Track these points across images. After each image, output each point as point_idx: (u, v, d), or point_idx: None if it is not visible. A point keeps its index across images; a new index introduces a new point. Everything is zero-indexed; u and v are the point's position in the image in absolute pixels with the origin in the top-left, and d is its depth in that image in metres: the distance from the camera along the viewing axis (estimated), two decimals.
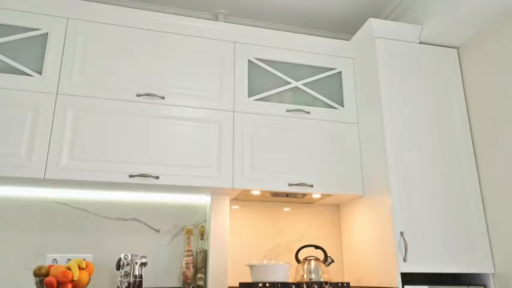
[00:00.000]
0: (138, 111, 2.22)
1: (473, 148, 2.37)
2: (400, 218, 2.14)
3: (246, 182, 2.26)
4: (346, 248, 2.59)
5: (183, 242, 2.40)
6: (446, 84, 2.48)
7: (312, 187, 2.34)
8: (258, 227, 2.56)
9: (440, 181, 2.27)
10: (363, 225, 2.41)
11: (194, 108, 2.31)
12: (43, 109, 2.09)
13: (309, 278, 2.25)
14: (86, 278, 1.89)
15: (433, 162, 2.29)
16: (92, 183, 2.13)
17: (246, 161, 2.30)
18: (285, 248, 2.56)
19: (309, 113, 2.47)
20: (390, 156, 2.24)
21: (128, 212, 2.37)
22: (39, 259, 2.17)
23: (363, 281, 2.36)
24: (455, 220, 2.21)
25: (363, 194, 2.42)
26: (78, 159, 2.07)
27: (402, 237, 2.10)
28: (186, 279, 2.28)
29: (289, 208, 2.65)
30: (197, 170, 2.22)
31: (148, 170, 2.15)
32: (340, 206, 2.71)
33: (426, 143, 2.32)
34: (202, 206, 2.49)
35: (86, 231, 2.28)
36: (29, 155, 2.01)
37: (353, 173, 2.45)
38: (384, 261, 2.17)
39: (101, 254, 2.26)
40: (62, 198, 2.30)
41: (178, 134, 2.24)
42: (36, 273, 1.85)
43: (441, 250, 2.14)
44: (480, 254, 2.18)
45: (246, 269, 2.46)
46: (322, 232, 2.65)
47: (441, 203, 2.23)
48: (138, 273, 2.15)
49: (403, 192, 2.19)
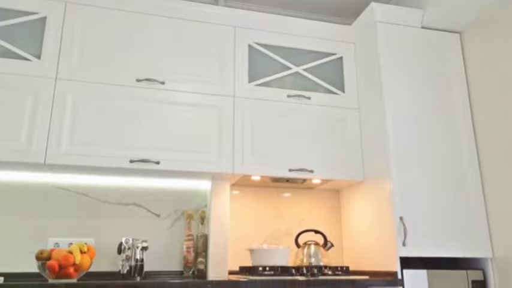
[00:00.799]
0: (138, 96, 2.21)
1: (474, 134, 2.37)
2: (399, 203, 2.15)
3: (246, 168, 2.27)
4: (345, 233, 2.61)
5: (183, 226, 2.41)
6: (448, 70, 2.46)
7: (312, 172, 2.35)
8: (258, 212, 2.58)
9: (440, 167, 2.27)
10: (362, 211, 2.43)
11: (194, 94, 2.30)
12: (42, 94, 2.08)
13: (308, 262, 2.27)
14: (87, 262, 1.90)
15: (433, 148, 2.29)
16: (93, 169, 2.13)
17: (246, 147, 2.30)
18: (285, 232, 2.58)
19: (309, 98, 2.46)
20: (391, 141, 2.24)
21: (128, 197, 2.38)
22: (41, 243, 2.19)
23: (362, 265, 2.39)
24: (455, 205, 2.22)
25: (363, 179, 2.42)
26: (78, 144, 2.07)
27: (402, 222, 2.11)
28: (186, 263, 2.30)
29: (289, 193, 2.66)
30: (197, 155, 2.22)
31: (148, 155, 2.15)
32: (340, 191, 2.72)
33: (427, 128, 2.32)
34: (202, 191, 2.50)
35: (87, 216, 2.29)
36: (29, 140, 2.01)
37: (353, 159, 2.45)
38: (383, 246, 2.18)
39: (102, 238, 2.28)
40: (63, 183, 2.30)
41: (178, 119, 2.24)
42: (39, 257, 1.87)
43: (440, 235, 2.15)
44: (479, 239, 2.19)
45: (246, 253, 2.48)
46: (322, 217, 2.67)
47: (441, 188, 2.24)
48: (139, 257, 2.17)
49: (403, 177, 2.20)
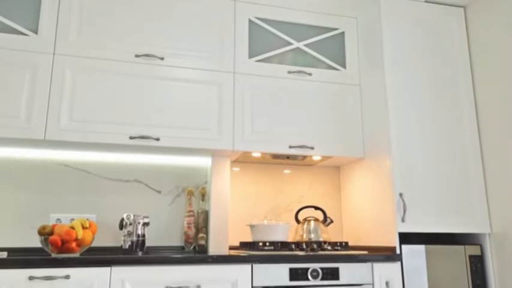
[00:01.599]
0: (137, 72, 2.18)
1: (475, 110, 2.36)
2: (399, 179, 2.15)
3: (246, 144, 2.27)
4: (345, 209, 2.63)
5: (184, 202, 2.43)
6: (451, 45, 2.42)
7: (313, 149, 2.35)
8: (258, 188, 2.59)
9: (441, 143, 2.27)
10: (362, 187, 2.44)
11: (194, 70, 2.27)
12: (40, 69, 2.06)
13: (308, 238, 2.29)
14: (89, 237, 1.92)
15: (434, 125, 2.28)
16: (93, 145, 2.13)
17: (247, 123, 2.29)
18: (285, 209, 2.60)
19: (310, 74, 2.44)
20: (392, 118, 2.23)
21: (129, 173, 2.39)
22: (43, 219, 2.21)
23: (361, 240, 2.41)
24: (455, 181, 2.23)
25: (364, 156, 2.43)
26: (77, 121, 2.06)
27: (401, 199, 2.12)
28: (187, 238, 2.32)
29: (290, 170, 2.66)
30: (197, 132, 2.21)
31: (148, 131, 2.14)
32: (340, 168, 2.73)
33: (429, 105, 2.30)
34: (203, 167, 2.51)
35: (88, 192, 2.30)
36: (28, 116, 2.00)
37: (354, 135, 2.44)
38: (383, 222, 2.20)
39: (103, 214, 2.30)
40: (63, 159, 2.31)
41: (178, 95, 2.22)
42: (41, 232, 1.89)
43: (439, 211, 2.17)
44: (477, 215, 2.21)
45: (246, 228, 2.50)
46: (322, 194, 2.68)
47: (441, 165, 2.24)
48: (140, 232, 2.19)
49: (403, 154, 2.20)
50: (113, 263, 1.72)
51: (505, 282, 2.08)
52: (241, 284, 1.83)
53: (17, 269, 1.61)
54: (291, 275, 1.89)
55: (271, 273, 1.88)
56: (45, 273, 1.63)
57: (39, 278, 1.62)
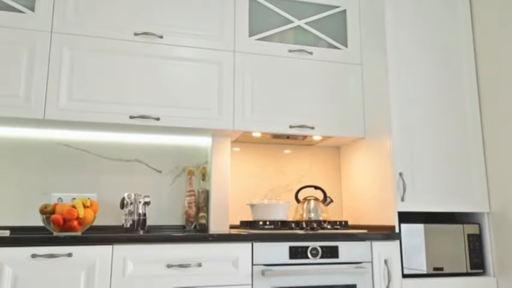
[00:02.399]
0: (136, 50, 2.16)
1: (477, 91, 2.34)
2: (400, 159, 2.16)
3: (246, 124, 2.26)
4: (345, 189, 2.64)
5: (184, 182, 2.44)
6: (455, 25, 2.39)
7: (313, 129, 2.34)
8: (258, 168, 2.59)
9: (442, 123, 2.26)
10: (362, 167, 2.44)
11: (193, 48, 2.25)
12: (38, 48, 2.04)
13: (308, 217, 2.31)
14: (91, 216, 1.94)
15: (436, 105, 2.27)
16: (93, 125, 2.12)
17: (247, 103, 2.28)
18: (285, 188, 2.61)
19: (311, 53, 2.41)
20: (393, 98, 2.21)
21: (129, 153, 2.39)
22: (45, 198, 2.22)
23: (361, 219, 2.43)
24: (455, 161, 2.23)
25: (364, 136, 2.42)
26: (77, 100, 2.05)
27: (401, 178, 2.13)
28: (188, 217, 2.34)
29: (290, 150, 2.66)
30: (198, 111, 2.20)
31: (148, 111, 2.13)
32: (341, 148, 2.73)
33: (430, 85, 2.28)
34: (203, 147, 2.51)
35: (89, 172, 2.31)
36: (27, 95, 1.99)
37: (355, 115, 2.43)
38: (382, 201, 2.21)
39: (104, 193, 2.31)
40: (64, 139, 2.30)
41: (178, 74, 2.20)
42: (43, 211, 1.90)
43: (439, 190, 2.18)
44: (477, 194, 2.22)
45: (247, 208, 2.52)
46: (322, 173, 2.69)
47: (442, 144, 2.23)
48: (141, 211, 2.21)
49: (404, 134, 2.19)
50: (115, 242, 1.73)
51: (502, 260, 2.11)
52: (242, 262, 1.85)
53: (19, 247, 1.63)
54: (290, 253, 1.92)
55: (272, 251, 1.90)
56: (47, 251, 1.65)
57: (42, 256, 1.64)
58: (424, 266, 2.07)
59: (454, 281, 2.07)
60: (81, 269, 1.68)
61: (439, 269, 2.09)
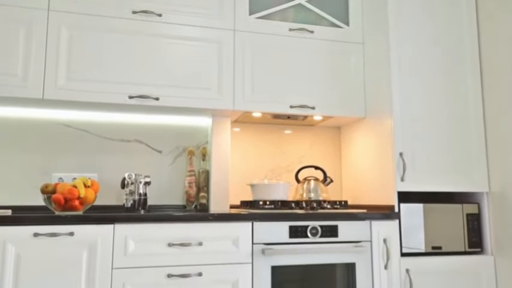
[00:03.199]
0: (134, 29, 2.13)
1: (480, 71, 2.32)
2: (400, 139, 2.15)
3: (247, 104, 2.25)
4: (345, 169, 2.65)
5: (185, 162, 2.44)
6: (458, 4, 2.35)
7: (314, 109, 2.33)
8: (259, 148, 2.59)
9: (443, 103, 2.25)
10: (363, 147, 2.44)
11: (193, 27, 2.22)
12: (35, 26, 2.01)
13: (308, 197, 2.32)
14: (92, 195, 1.94)
15: (437, 84, 2.25)
16: (92, 104, 2.11)
17: (247, 82, 2.26)
18: (285, 169, 2.61)
19: (312, 32, 2.38)
20: (394, 77, 2.19)
21: (130, 134, 2.38)
22: (45, 178, 2.23)
23: (360, 200, 2.44)
24: (456, 141, 2.23)
25: (365, 116, 2.41)
26: (75, 80, 2.03)
27: (401, 158, 2.13)
28: (189, 197, 2.35)
29: (290, 130, 2.66)
30: (197, 91, 2.19)
31: (147, 91, 2.12)
32: (341, 128, 2.72)
33: (432, 65, 2.26)
34: (203, 127, 2.50)
35: (89, 152, 2.31)
36: (25, 74, 1.97)
37: (355, 95, 2.42)
38: (382, 181, 2.22)
39: (105, 173, 2.31)
40: (64, 119, 2.30)
41: (177, 54, 2.18)
42: (44, 191, 1.91)
43: (439, 170, 2.18)
44: (477, 174, 2.22)
45: (247, 188, 2.53)
46: (323, 154, 2.69)
47: (443, 125, 2.23)
48: (142, 191, 2.22)
49: (404, 113, 2.18)
50: (116, 221, 1.75)
51: (500, 240, 2.13)
52: (242, 241, 1.87)
53: (21, 226, 1.64)
54: (290, 232, 1.93)
55: (271, 230, 1.91)
56: (49, 230, 1.67)
57: (44, 234, 1.65)
58: (422, 245, 2.09)
59: (452, 259, 2.10)
60: (83, 248, 1.70)
61: (438, 248, 2.11)
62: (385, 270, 2.01)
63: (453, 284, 2.08)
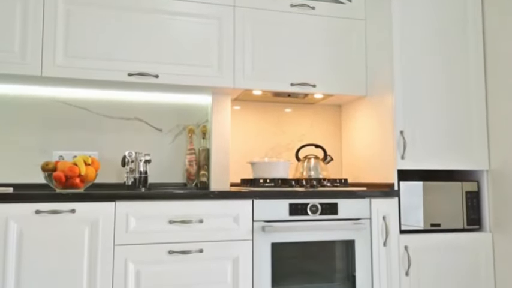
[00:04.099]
0: (133, 5, 2.09)
1: (483, 49, 2.28)
2: (401, 117, 2.14)
3: (247, 82, 2.23)
4: (345, 148, 2.65)
5: (185, 141, 2.44)
6: None
7: (315, 87, 2.31)
8: (259, 127, 2.59)
9: (445, 81, 2.22)
10: (363, 125, 2.43)
11: (192, 2, 2.18)
12: (32, 1, 1.97)
13: (308, 175, 2.32)
14: (92, 173, 1.95)
15: (440, 62, 2.23)
16: (91, 82, 2.10)
17: (248, 60, 2.24)
18: (285, 147, 2.61)
19: (313, 8, 2.34)
20: (396, 55, 2.16)
21: (129, 112, 2.37)
22: (46, 156, 2.23)
23: (360, 178, 2.45)
24: (457, 119, 2.22)
25: (366, 94, 2.39)
26: (74, 57, 2.01)
27: (402, 136, 2.13)
28: (189, 175, 2.36)
29: (291, 109, 2.64)
30: (197, 68, 2.17)
31: (147, 68, 2.10)
32: (342, 106, 2.70)
33: (434, 43, 2.23)
34: (203, 106, 2.49)
35: (89, 130, 2.30)
36: (23, 51, 1.95)
37: (357, 73, 2.39)
38: (382, 159, 2.22)
39: (105, 151, 2.31)
40: (63, 96, 2.28)
41: (177, 30, 2.15)
42: (44, 168, 1.91)
43: (439, 148, 2.18)
44: (477, 152, 2.22)
45: (247, 166, 2.53)
46: (323, 132, 2.68)
47: (444, 102, 2.21)
48: (143, 169, 2.22)
49: (406, 92, 2.16)
50: (117, 198, 1.75)
51: (498, 217, 2.14)
52: (243, 219, 1.88)
53: (23, 203, 1.65)
54: (290, 210, 1.94)
55: (271, 208, 1.93)
56: (51, 207, 1.68)
57: (46, 211, 1.67)
58: (421, 223, 2.11)
59: (450, 236, 2.12)
60: (85, 225, 1.71)
61: (436, 225, 2.13)
62: (384, 247, 2.03)
63: (451, 260, 2.11)
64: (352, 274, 1.99)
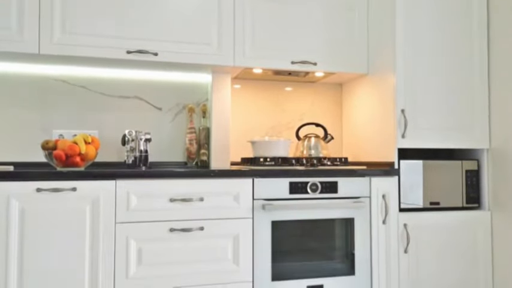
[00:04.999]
0: None
1: (487, 29, 2.25)
2: (402, 96, 2.13)
3: (247, 60, 2.20)
4: (346, 126, 2.64)
5: (185, 119, 2.43)
6: None
7: (316, 65, 2.29)
8: (259, 105, 2.57)
9: (447, 60, 2.20)
10: (364, 104, 2.42)
11: None
12: None
13: (308, 154, 2.32)
14: (93, 152, 1.95)
15: (441, 40, 2.19)
16: (89, 60, 2.07)
17: (248, 38, 2.21)
18: (286, 126, 2.60)
19: None
20: (399, 33, 2.13)
21: (129, 90, 2.35)
22: (46, 135, 2.22)
23: (360, 157, 2.45)
24: (458, 98, 2.21)
25: (367, 73, 2.37)
26: (72, 34, 1.98)
27: (403, 115, 2.12)
28: (190, 154, 2.36)
29: (291, 87, 2.62)
30: (197, 46, 2.14)
31: (146, 45, 2.07)
32: (343, 85, 2.68)
33: (438, 20, 2.19)
34: (203, 84, 2.47)
35: (89, 109, 2.29)
36: (20, 28, 1.92)
37: (358, 51, 2.37)
38: (383, 138, 2.22)
39: (105, 130, 2.31)
40: (62, 75, 2.26)
41: (176, 7, 2.11)
42: (44, 147, 1.91)
43: (440, 127, 2.17)
44: (478, 131, 2.22)
45: (248, 145, 2.53)
46: (324, 111, 2.67)
47: (446, 81, 2.19)
48: (143, 148, 2.22)
49: (408, 70, 2.14)
50: (118, 177, 1.76)
51: (498, 195, 2.15)
52: (243, 197, 1.89)
53: (24, 182, 1.66)
54: (291, 188, 1.95)
55: (272, 186, 1.93)
56: (52, 186, 1.68)
57: (47, 190, 1.67)
58: (420, 201, 2.12)
59: (449, 214, 2.13)
60: (86, 203, 1.72)
61: (435, 203, 2.14)
62: (383, 225, 2.05)
63: (450, 238, 2.13)
64: (352, 252, 2.02)
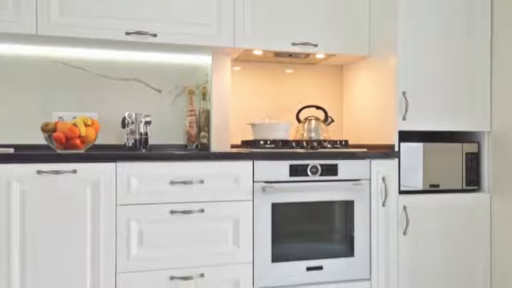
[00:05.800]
0: None
1: (490, 11, 2.21)
2: (404, 78, 2.11)
3: (247, 41, 2.18)
4: (346, 109, 2.63)
5: (185, 102, 2.42)
6: None
7: (316, 46, 2.26)
8: (259, 88, 2.56)
9: (448, 43, 2.17)
10: (365, 86, 2.40)
11: None
12: None
13: (308, 137, 2.32)
14: (92, 134, 1.94)
15: (443, 22, 2.17)
16: (88, 41, 2.05)
17: (248, 19, 2.18)
18: (286, 108, 2.59)
19: None
20: (401, 15, 2.10)
21: (128, 72, 2.34)
22: (45, 117, 2.22)
23: (361, 139, 2.45)
24: (459, 81, 2.19)
25: (368, 54, 2.35)
26: (69, 15, 1.95)
27: (404, 97, 2.10)
28: (190, 137, 2.35)
29: (292, 70, 2.60)
30: (197, 28, 2.11)
31: (145, 27, 2.04)
32: (344, 67, 2.66)
33: (440, 3, 2.16)
34: (203, 66, 2.44)
35: (88, 91, 2.28)
36: (17, 9, 1.89)
37: (360, 32, 2.34)
38: (384, 120, 2.21)
39: (104, 112, 2.30)
40: (60, 56, 2.24)
41: None
42: (44, 129, 1.90)
43: (441, 109, 2.16)
44: (479, 113, 2.21)
45: (248, 128, 2.52)
46: (324, 93, 2.65)
47: (448, 63, 2.17)
48: (143, 131, 2.22)
49: (410, 52, 2.12)
50: (118, 159, 1.76)
51: (497, 178, 2.16)
52: (243, 179, 1.90)
53: (25, 164, 1.66)
54: (290, 171, 1.95)
55: (272, 169, 1.93)
56: (52, 168, 1.68)
57: (47, 172, 1.67)
58: (420, 184, 2.13)
59: (448, 196, 2.14)
60: (87, 185, 1.72)
61: (435, 185, 2.15)
62: (382, 208, 2.06)
63: (449, 220, 2.14)
64: (351, 234, 2.03)
